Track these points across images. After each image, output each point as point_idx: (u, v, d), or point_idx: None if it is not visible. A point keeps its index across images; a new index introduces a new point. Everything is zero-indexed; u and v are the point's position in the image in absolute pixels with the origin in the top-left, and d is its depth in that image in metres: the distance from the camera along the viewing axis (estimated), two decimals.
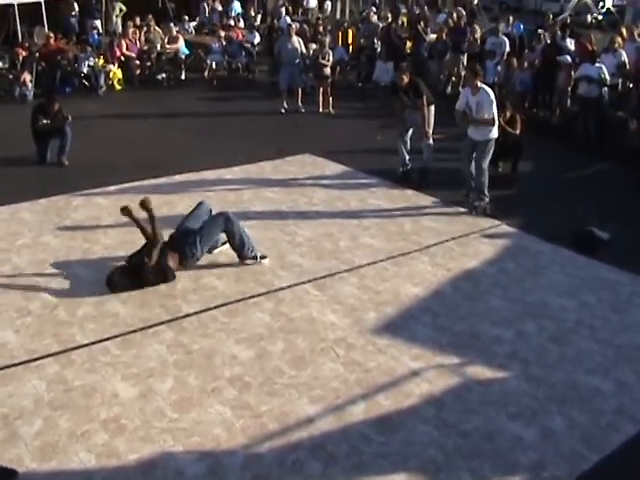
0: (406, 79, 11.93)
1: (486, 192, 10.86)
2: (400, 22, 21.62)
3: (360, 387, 6.49)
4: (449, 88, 19.39)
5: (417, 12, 23.74)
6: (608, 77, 14.81)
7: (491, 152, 10.88)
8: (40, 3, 20.79)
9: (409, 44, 20.29)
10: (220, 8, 26.53)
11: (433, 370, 6.76)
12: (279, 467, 5.52)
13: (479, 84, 10.67)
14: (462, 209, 10.79)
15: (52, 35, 20.26)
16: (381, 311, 7.83)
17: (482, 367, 6.82)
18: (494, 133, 10.79)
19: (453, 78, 19.57)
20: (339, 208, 10.85)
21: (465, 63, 18.71)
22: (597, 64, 14.86)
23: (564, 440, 5.86)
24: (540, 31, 19.21)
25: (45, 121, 13.05)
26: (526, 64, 17.27)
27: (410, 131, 12.19)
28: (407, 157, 12.26)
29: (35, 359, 6.89)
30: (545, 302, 8.11)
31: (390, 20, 20.89)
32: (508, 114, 12.59)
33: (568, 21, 24.65)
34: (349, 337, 7.30)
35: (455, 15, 20.76)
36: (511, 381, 6.63)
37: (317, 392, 6.41)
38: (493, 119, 10.63)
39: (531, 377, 6.68)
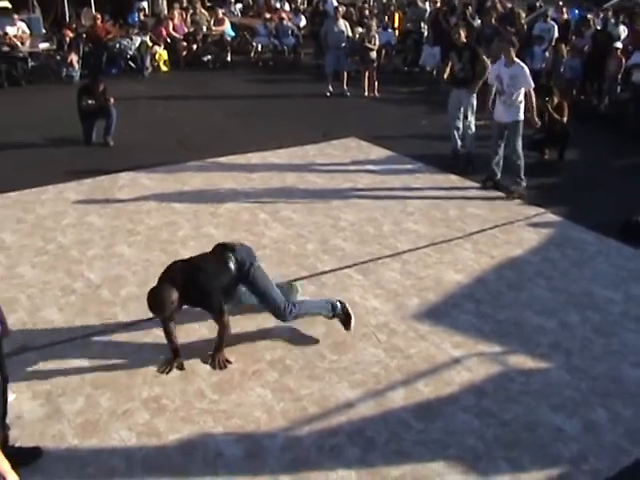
0: (463, 35, 11.75)
1: (522, 176, 10.73)
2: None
3: (400, 373, 6.47)
4: None
5: None
6: None
7: (521, 133, 10.66)
8: None
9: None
10: None
11: (474, 358, 6.71)
12: (318, 451, 5.53)
13: (514, 57, 10.47)
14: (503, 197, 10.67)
15: (99, 16, 20.43)
16: (423, 297, 7.80)
17: (524, 356, 6.76)
18: (521, 114, 10.54)
19: None
20: (383, 193, 10.81)
21: None
22: None
23: (606, 433, 5.78)
24: (590, 16, 18.94)
25: (90, 101, 13.16)
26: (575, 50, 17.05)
27: (461, 114, 11.96)
28: (459, 142, 12.12)
29: (78, 337, 6.98)
30: (590, 293, 8.00)
31: (439, 4, 20.71)
32: (556, 100, 12.44)
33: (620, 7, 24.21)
34: (391, 322, 7.28)
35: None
36: (553, 372, 6.55)
37: (358, 377, 6.41)
38: (529, 93, 10.41)
39: (574, 368, 6.60)
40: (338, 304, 7.01)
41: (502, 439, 5.67)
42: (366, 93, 17.40)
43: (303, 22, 22.43)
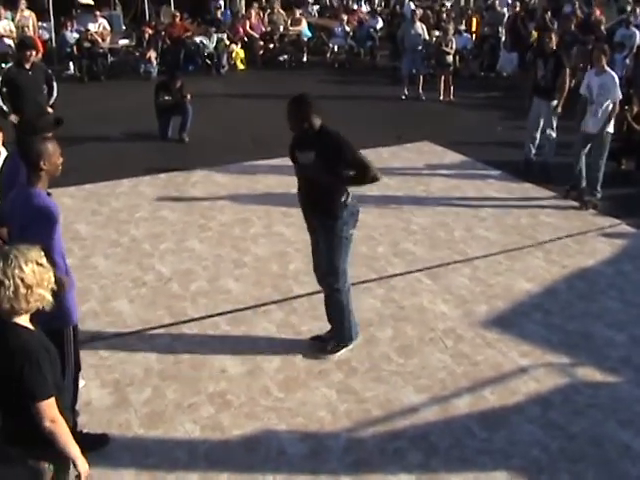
0: (555, 41, 11.63)
1: (599, 188, 10.56)
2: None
3: (466, 380, 6.43)
4: (573, 82, 18.88)
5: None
6: None
7: (607, 147, 10.47)
8: None
9: (534, 34, 19.86)
10: None
11: (542, 368, 6.64)
12: (380, 454, 5.53)
13: (605, 66, 10.33)
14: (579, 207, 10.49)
15: (178, 14, 20.70)
16: (492, 304, 7.73)
17: (592, 369, 6.65)
18: (611, 126, 10.34)
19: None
20: (456, 198, 10.74)
21: None
22: None
23: None
24: None
25: (167, 98, 13.37)
26: None
27: (541, 122, 11.78)
28: (533, 150, 11.98)
29: (147, 329, 7.11)
30: None
31: (518, 9, 20.48)
32: (635, 109, 12.20)
33: None
34: (458, 328, 7.25)
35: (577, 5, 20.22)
36: (622, 386, 6.44)
37: (423, 382, 6.39)
38: (615, 105, 10.21)
39: None
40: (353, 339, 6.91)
41: (567, 452, 5.59)
42: (441, 97, 17.30)
43: (380, 24, 22.41)
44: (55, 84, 10.32)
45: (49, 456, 3.70)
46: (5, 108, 9.87)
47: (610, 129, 10.32)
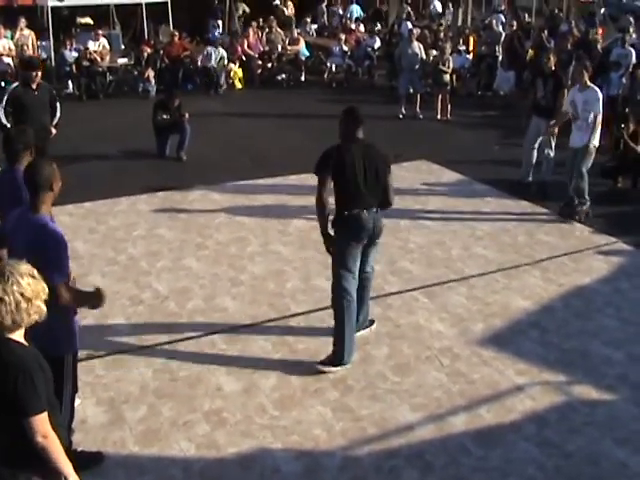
0: (553, 62, 11.72)
1: (586, 196, 10.65)
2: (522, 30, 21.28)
3: (462, 398, 6.43)
4: None
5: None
6: None
7: (591, 158, 10.57)
8: (167, 3, 21.38)
9: (531, 52, 19.93)
10: (341, 11, 26.72)
11: (538, 387, 6.64)
12: (376, 472, 5.52)
13: (588, 81, 10.47)
14: (577, 224, 10.50)
15: (177, 34, 20.79)
16: (489, 323, 7.74)
17: (589, 387, 6.65)
18: (595, 140, 10.46)
19: None
20: (453, 216, 10.76)
21: None
22: None
23: None
24: None
25: (165, 116, 13.41)
26: None
27: (538, 140, 11.86)
28: (531, 170, 12.02)
29: (144, 347, 7.11)
30: None
31: (515, 28, 20.56)
32: (631, 128, 12.25)
33: None
34: (455, 347, 7.24)
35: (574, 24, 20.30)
36: (619, 404, 6.43)
37: (419, 400, 6.38)
38: (596, 118, 10.31)
39: None
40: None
41: (563, 470, 5.58)
42: (439, 116, 17.34)
43: (378, 43, 22.47)
44: (59, 105, 10.34)
45: (41, 473, 3.69)
46: (5, 122, 9.82)
47: (595, 142, 10.48)
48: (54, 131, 10.20)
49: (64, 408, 4.88)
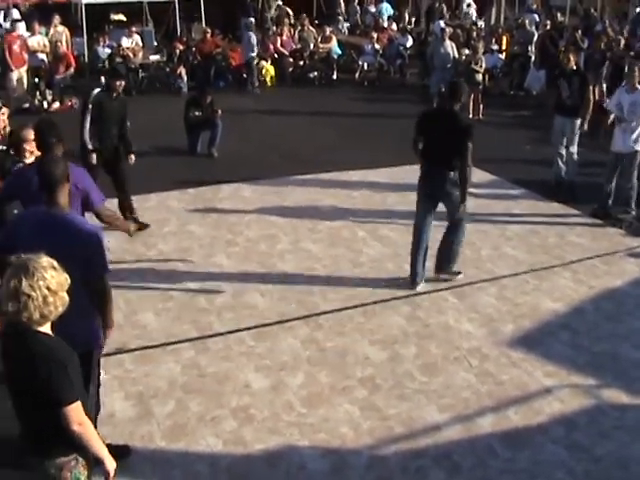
0: (573, 60, 11.62)
1: (633, 205, 10.53)
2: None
3: (490, 399, 6.40)
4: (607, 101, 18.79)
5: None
6: None
7: (638, 165, 10.44)
8: (199, 0, 21.50)
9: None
10: (373, 9, 26.68)
11: (567, 389, 6.59)
12: (402, 472, 5.51)
13: (637, 84, 10.28)
14: (609, 225, 10.41)
15: (209, 31, 20.86)
16: (518, 324, 7.69)
17: (619, 391, 6.59)
18: None
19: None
20: (483, 216, 10.68)
21: None
22: None
23: None
24: None
25: (197, 113, 13.47)
26: None
27: (564, 142, 11.76)
28: (563, 169, 11.91)
29: (172, 342, 7.14)
30: None
31: (548, 27, 20.42)
32: None
33: None
34: (484, 347, 7.21)
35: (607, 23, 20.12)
36: None
37: (447, 400, 6.36)
38: None
39: None
40: None
41: (592, 475, 5.54)
42: (471, 115, 17.24)
43: (410, 42, 22.42)
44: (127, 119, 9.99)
45: (70, 461, 3.73)
46: (90, 145, 9.52)
47: None
48: (133, 158, 9.90)
49: (90, 402, 4.90)
